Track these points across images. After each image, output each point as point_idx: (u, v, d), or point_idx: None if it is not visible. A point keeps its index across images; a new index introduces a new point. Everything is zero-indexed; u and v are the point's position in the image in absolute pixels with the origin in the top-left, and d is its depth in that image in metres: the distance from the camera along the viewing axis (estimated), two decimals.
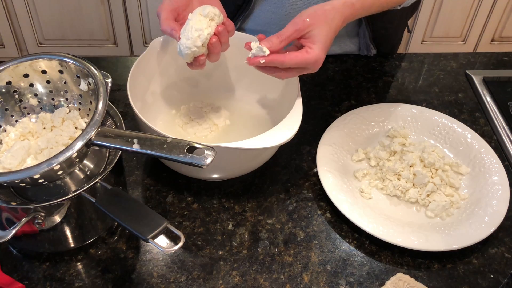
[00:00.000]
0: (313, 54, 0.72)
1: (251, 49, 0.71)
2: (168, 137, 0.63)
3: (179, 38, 0.73)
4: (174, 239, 0.72)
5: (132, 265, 0.73)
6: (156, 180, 0.84)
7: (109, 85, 0.70)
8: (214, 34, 0.73)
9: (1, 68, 0.71)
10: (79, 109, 0.74)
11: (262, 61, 0.71)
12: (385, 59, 1.09)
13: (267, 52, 0.71)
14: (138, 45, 2.17)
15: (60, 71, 0.73)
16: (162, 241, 0.71)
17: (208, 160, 0.60)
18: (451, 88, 1.04)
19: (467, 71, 1.07)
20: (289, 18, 0.74)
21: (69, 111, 0.74)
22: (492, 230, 0.76)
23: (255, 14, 1.00)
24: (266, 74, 0.91)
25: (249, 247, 0.76)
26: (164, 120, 0.90)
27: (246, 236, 0.77)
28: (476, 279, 0.74)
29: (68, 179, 0.72)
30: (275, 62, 0.71)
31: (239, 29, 1.00)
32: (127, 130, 0.67)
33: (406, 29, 1.12)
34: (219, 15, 0.74)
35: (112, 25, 2.10)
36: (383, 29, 1.03)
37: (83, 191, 0.65)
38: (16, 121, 0.75)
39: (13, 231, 0.63)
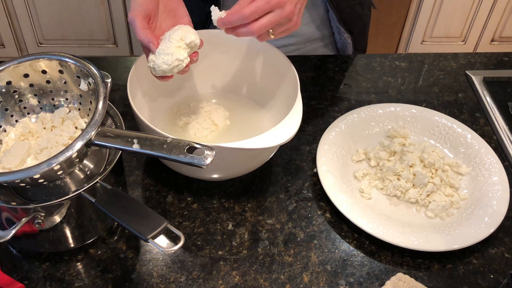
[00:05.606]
0: None
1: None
2: (168, 137, 0.63)
3: (155, 52, 0.72)
4: (174, 239, 0.72)
5: (132, 265, 0.73)
6: (156, 180, 0.84)
7: (109, 85, 0.70)
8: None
9: (1, 68, 0.71)
10: (79, 109, 0.74)
11: (223, 16, 0.70)
12: (385, 59, 1.09)
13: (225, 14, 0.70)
14: (138, 45, 2.16)
15: (60, 71, 0.73)
16: (162, 241, 0.71)
17: (208, 160, 0.60)
18: (451, 88, 1.04)
19: (467, 71, 1.07)
20: None
21: (69, 111, 0.74)
22: (492, 230, 0.76)
23: None
24: (265, 73, 0.91)
25: (249, 247, 0.76)
26: (164, 120, 0.90)
27: (246, 236, 0.77)
28: (476, 279, 0.74)
29: (68, 179, 0.72)
30: (235, 16, 0.69)
31: None
32: (127, 130, 0.67)
33: (372, 7, 1.12)
34: (198, 41, 0.74)
35: (112, 25, 2.10)
36: (348, 7, 1.02)
37: (83, 191, 0.65)
38: (16, 121, 0.75)
39: (13, 231, 0.63)
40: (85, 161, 0.74)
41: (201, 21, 0.99)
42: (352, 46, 1.09)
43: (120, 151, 0.70)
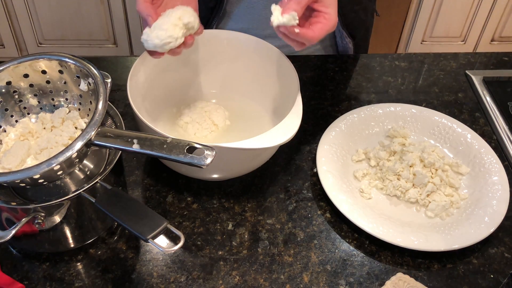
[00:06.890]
0: (333, 20, 0.70)
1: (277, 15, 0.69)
2: (168, 137, 0.63)
3: (150, 27, 0.72)
4: (174, 239, 0.72)
5: (132, 265, 0.73)
6: (156, 180, 0.84)
7: (109, 85, 0.70)
8: (183, 41, 0.73)
9: (1, 68, 0.71)
10: (79, 109, 0.74)
11: (297, 31, 0.69)
12: (385, 59, 1.09)
13: (297, 20, 0.68)
14: (138, 45, 2.17)
15: (60, 71, 0.73)
16: (162, 241, 0.71)
17: (208, 160, 0.60)
18: (451, 88, 1.04)
19: (467, 71, 1.07)
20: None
21: (69, 111, 0.74)
22: (492, 230, 0.76)
23: (233, 17, 0.99)
24: (265, 73, 0.91)
25: (249, 247, 0.76)
26: (164, 120, 0.90)
27: (246, 236, 0.77)
28: (476, 279, 0.74)
29: (68, 179, 0.72)
30: (304, 37, 0.70)
31: None
32: (127, 130, 0.67)
33: (375, 14, 1.12)
34: (197, 25, 0.73)
35: (112, 25, 2.10)
36: (353, 12, 1.03)
37: (83, 191, 0.65)
38: (16, 121, 0.75)
39: (13, 231, 0.63)
40: (85, 161, 0.74)
41: (205, 17, 0.98)
42: (353, 51, 1.09)
43: (120, 151, 0.70)
